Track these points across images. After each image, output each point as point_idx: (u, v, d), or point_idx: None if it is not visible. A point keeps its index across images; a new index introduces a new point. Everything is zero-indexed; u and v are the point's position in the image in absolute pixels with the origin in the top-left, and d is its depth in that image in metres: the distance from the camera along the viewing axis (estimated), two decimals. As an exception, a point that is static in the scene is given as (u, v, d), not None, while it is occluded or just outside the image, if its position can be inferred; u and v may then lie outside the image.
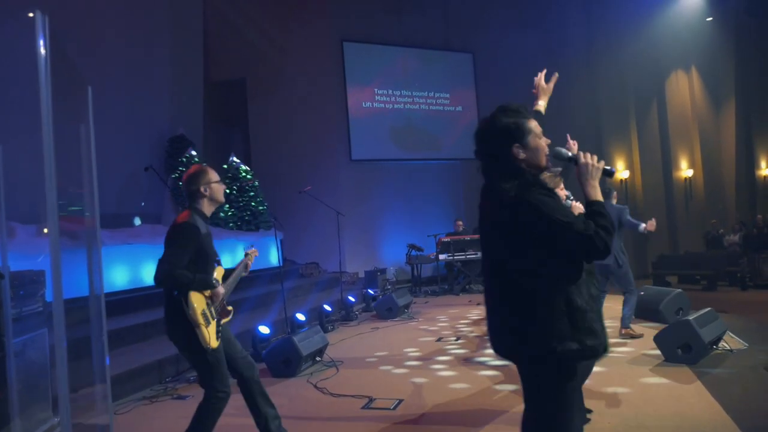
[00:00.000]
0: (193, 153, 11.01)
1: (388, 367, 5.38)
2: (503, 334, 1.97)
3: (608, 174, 2.06)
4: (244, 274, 3.40)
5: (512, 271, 1.92)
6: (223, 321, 3.16)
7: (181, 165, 10.81)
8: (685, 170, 16.19)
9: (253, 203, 11.00)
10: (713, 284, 12.21)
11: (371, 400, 4.31)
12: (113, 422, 4.08)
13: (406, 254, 11.51)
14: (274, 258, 10.90)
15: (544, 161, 2.02)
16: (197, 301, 2.96)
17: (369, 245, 13.02)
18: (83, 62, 9.45)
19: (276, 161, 13.00)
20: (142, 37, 10.80)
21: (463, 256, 11.11)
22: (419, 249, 11.30)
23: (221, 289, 3.12)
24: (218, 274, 3.19)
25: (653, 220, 6.05)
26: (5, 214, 4.12)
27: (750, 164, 17.49)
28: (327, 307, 7.64)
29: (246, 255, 3.54)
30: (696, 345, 4.58)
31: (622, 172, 14.98)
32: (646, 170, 15.37)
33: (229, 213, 10.76)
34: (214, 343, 2.98)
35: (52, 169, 2.44)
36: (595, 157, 2.03)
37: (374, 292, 9.52)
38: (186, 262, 2.93)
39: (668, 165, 15.81)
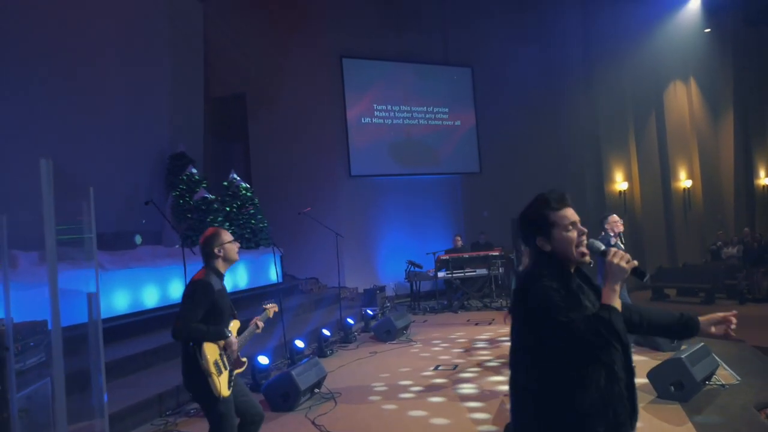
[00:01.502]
0: (194, 171, 11.09)
1: (385, 402, 5.45)
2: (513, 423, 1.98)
3: (639, 276, 1.93)
4: (257, 331, 3.58)
5: (521, 367, 1.93)
6: (236, 371, 3.34)
7: (181, 183, 10.90)
8: (684, 181, 16.26)
9: (252, 221, 11.07)
10: (711, 297, 12.27)
11: (368, 440, 4.38)
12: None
13: (405, 270, 11.58)
14: (274, 275, 10.99)
15: (573, 253, 1.93)
16: (210, 351, 3.17)
17: (369, 260, 13.10)
18: (83, 78, 9.55)
19: (276, 177, 13.09)
20: (142, 54, 10.88)
21: (462, 274, 11.18)
22: (418, 266, 11.38)
23: (234, 340, 3.31)
24: (234, 326, 3.41)
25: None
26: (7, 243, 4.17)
27: (749, 174, 17.55)
28: (326, 332, 7.71)
29: (264, 309, 3.75)
30: (688, 383, 4.65)
31: (620, 184, 15.05)
32: (645, 181, 15.44)
33: (229, 231, 10.82)
34: (225, 392, 3.16)
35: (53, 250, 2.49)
36: (627, 256, 1.88)
37: (373, 312, 9.59)
38: (200, 316, 3.18)
39: (667, 176, 15.88)
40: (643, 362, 5.99)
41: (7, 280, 3.41)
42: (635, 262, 1.89)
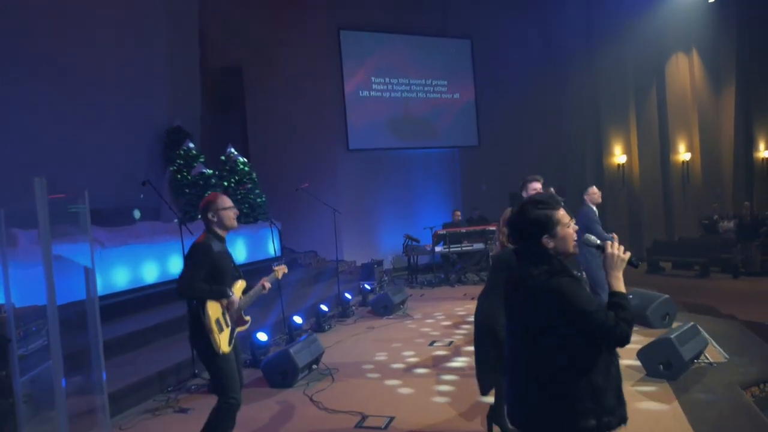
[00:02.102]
0: (191, 145, 11.06)
1: (382, 378, 5.57)
2: (523, 407, 2.10)
3: (633, 265, 2.14)
4: (264, 292, 3.73)
5: (541, 349, 2.04)
6: (239, 329, 3.55)
7: (178, 158, 10.88)
8: (683, 154, 16.22)
9: (251, 195, 11.09)
10: (706, 271, 12.41)
11: (364, 417, 4.50)
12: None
13: (403, 244, 11.66)
14: (272, 249, 11.07)
15: (571, 248, 2.14)
16: (213, 309, 3.36)
17: (367, 234, 13.17)
18: (78, 53, 9.45)
19: (274, 151, 13.06)
20: (137, 27, 10.72)
21: (459, 248, 11.27)
22: (415, 240, 11.45)
23: (235, 299, 3.49)
24: (239, 286, 3.60)
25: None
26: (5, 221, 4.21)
27: (748, 147, 17.50)
28: (324, 308, 7.83)
29: (273, 271, 3.90)
30: (676, 362, 4.76)
31: (619, 157, 15.02)
32: (644, 154, 15.41)
33: (228, 206, 10.85)
34: (225, 348, 3.34)
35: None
36: (622, 248, 2.11)
37: (371, 286, 9.71)
38: (202, 276, 3.36)
39: (666, 149, 15.84)
40: (634, 339, 6.11)
41: (6, 270, 3.46)
42: (629, 254, 2.12)
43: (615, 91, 14.84)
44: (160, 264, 8.29)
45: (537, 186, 5.51)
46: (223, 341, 3.32)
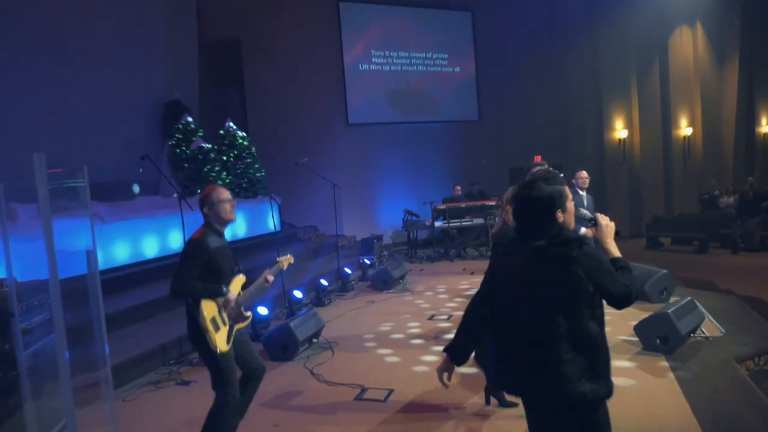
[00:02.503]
0: (189, 119, 10.99)
1: (381, 351, 5.64)
2: (557, 380, 2.08)
3: (617, 235, 2.31)
4: (266, 285, 3.63)
5: (570, 320, 2.07)
6: (238, 326, 3.43)
7: (177, 132, 10.82)
8: (685, 128, 16.13)
9: (250, 170, 11.06)
10: (705, 247, 12.44)
11: (363, 390, 4.57)
12: (120, 411, 4.35)
13: (403, 219, 11.67)
14: (272, 224, 11.09)
15: (573, 222, 2.23)
16: (207, 308, 3.25)
17: (367, 209, 13.18)
18: (73, 26, 9.33)
19: (273, 125, 12.98)
20: (134, 1, 10.59)
21: (459, 223, 11.29)
22: (415, 215, 11.46)
23: (231, 297, 3.36)
24: (238, 282, 3.47)
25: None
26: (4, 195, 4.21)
27: (750, 122, 17.39)
28: (324, 282, 7.88)
29: (277, 262, 3.76)
30: (673, 337, 4.81)
31: (620, 132, 14.94)
32: (645, 128, 15.32)
33: (227, 180, 10.84)
34: (223, 347, 3.25)
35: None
36: (607, 218, 2.30)
37: (370, 261, 9.75)
38: (197, 273, 3.23)
39: (668, 123, 15.74)
40: (632, 313, 6.17)
41: (7, 244, 3.47)
42: (613, 223, 2.31)
43: (617, 66, 14.68)
44: (160, 239, 8.32)
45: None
46: (219, 340, 3.23)
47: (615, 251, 2.22)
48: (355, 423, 3.95)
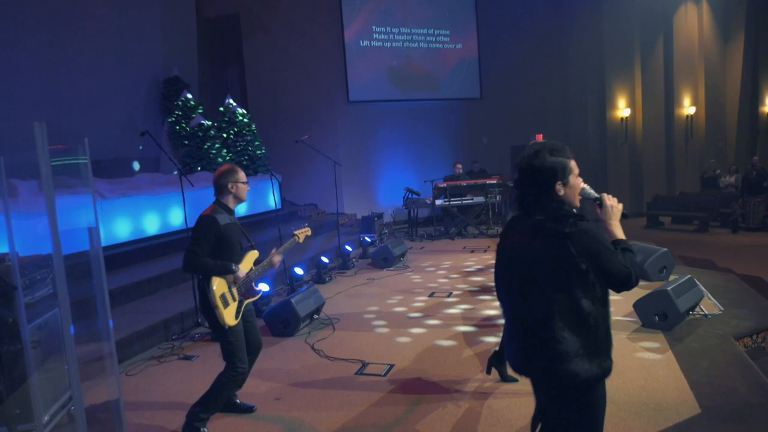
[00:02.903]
0: (189, 96, 10.93)
1: (382, 327, 5.68)
2: (552, 359, 2.07)
3: (624, 216, 2.21)
4: (274, 266, 3.69)
5: (563, 298, 2.03)
6: (248, 301, 3.54)
7: (176, 108, 10.75)
8: (688, 108, 16.01)
9: (250, 147, 11.03)
10: (705, 226, 12.44)
11: (364, 365, 4.61)
12: (124, 385, 4.41)
13: (403, 197, 11.66)
14: (272, 202, 11.09)
15: (576, 201, 2.16)
16: (218, 284, 3.35)
17: (367, 187, 13.16)
18: (72, 2, 9.22)
19: (273, 102, 12.89)
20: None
21: (459, 201, 11.28)
22: (416, 193, 11.44)
23: (242, 274, 3.45)
24: (250, 257, 3.57)
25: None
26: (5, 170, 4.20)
27: (754, 101, 17.25)
28: (324, 259, 7.90)
29: (294, 235, 3.86)
30: (672, 314, 4.84)
31: (623, 110, 14.83)
32: (648, 107, 15.21)
33: (227, 158, 10.81)
34: (231, 321, 3.37)
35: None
36: (615, 199, 2.20)
37: (371, 239, 9.76)
38: (207, 250, 3.32)
39: (671, 102, 15.63)
40: (632, 292, 6.20)
41: (8, 218, 3.46)
42: (622, 205, 2.21)
43: (621, 44, 14.51)
44: (161, 216, 8.33)
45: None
46: (228, 316, 3.34)
47: (619, 233, 2.15)
48: (356, 397, 3.99)
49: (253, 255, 3.59)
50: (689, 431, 3.20)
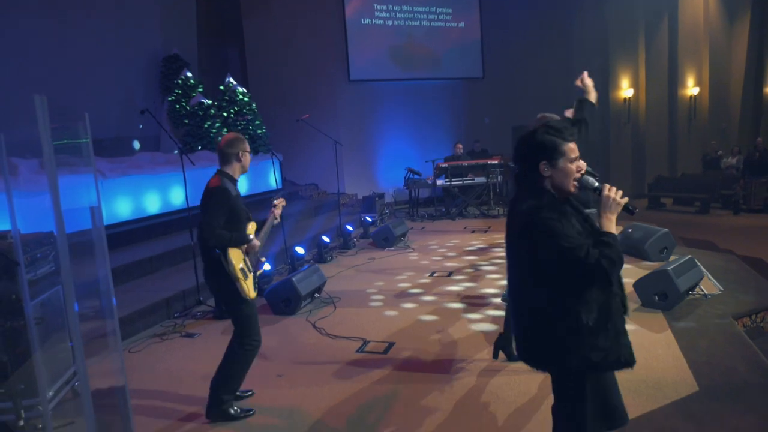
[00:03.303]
0: (189, 74, 10.84)
1: (382, 306, 5.71)
2: (524, 342, 2.13)
3: (629, 212, 2.10)
4: (275, 222, 3.68)
5: (528, 284, 2.04)
6: (258, 273, 3.53)
7: (176, 87, 10.68)
8: (691, 88, 15.88)
9: (251, 127, 10.97)
10: (706, 207, 12.43)
11: (365, 343, 4.64)
12: (127, 362, 4.44)
13: (405, 177, 11.63)
14: (273, 181, 11.08)
15: (571, 187, 2.06)
16: (235, 257, 3.31)
17: (368, 167, 13.13)
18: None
19: (273, 80, 12.79)
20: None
21: (460, 182, 11.25)
22: (417, 173, 11.42)
23: (256, 242, 3.46)
24: (251, 228, 3.53)
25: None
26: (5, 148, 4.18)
27: (759, 82, 17.07)
28: (325, 239, 7.91)
29: (274, 206, 3.80)
30: (672, 293, 4.85)
31: (626, 90, 14.72)
32: (651, 87, 15.09)
33: (228, 137, 10.76)
34: (252, 294, 3.37)
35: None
36: (620, 192, 2.06)
37: (372, 218, 9.77)
38: (222, 222, 3.25)
39: (674, 82, 15.50)
40: (629, 270, 6.22)
41: (10, 194, 3.45)
42: (626, 199, 2.06)
43: (625, 23, 14.32)
44: (162, 195, 8.32)
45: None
46: (249, 288, 3.33)
47: (607, 225, 2.01)
48: (358, 374, 4.03)
49: (252, 227, 3.56)
50: (687, 409, 3.23)
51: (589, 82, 4.48)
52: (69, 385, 3.70)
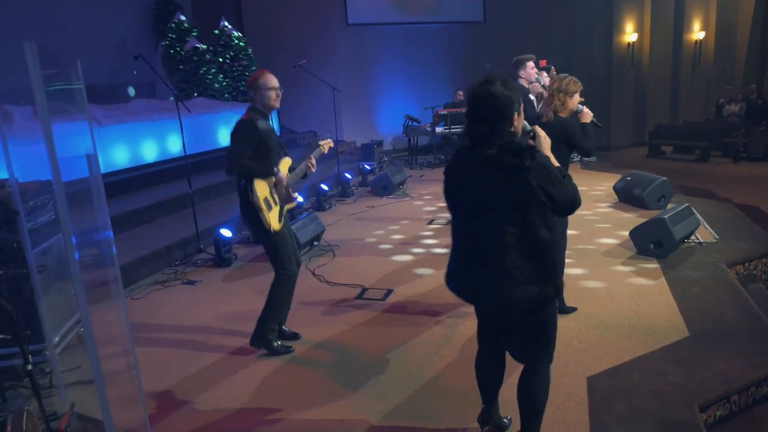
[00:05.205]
0: (182, 18, 10.55)
1: (381, 254, 5.77)
2: (509, 285, 2.14)
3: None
4: (311, 170, 3.74)
5: (521, 229, 2.11)
6: (288, 206, 3.59)
7: (170, 31, 10.41)
8: (697, 33, 15.48)
9: (247, 73, 10.76)
10: (706, 155, 12.37)
11: (364, 289, 4.73)
12: (130, 308, 4.53)
13: (403, 125, 11.52)
14: (271, 129, 10.96)
15: (521, 129, 2.25)
16: (260, 188, 3.37)
17: (367, 114, 12.96)
18: None
19: (269, 25, 12.45)
20: None
21: (460, 129, 11.14)
22: (416, 120, 11.29)
23: (283, 176, 3.49)
24: (285, 164, 3.59)
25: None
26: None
27: (766, 28, 16.63)
28: (324, 187, 7.91)
29: (319, 146, 3.89)
30: (667, 242, 4.90)
31: (630, 35, 14.36)
32: (656, 32, 14.71)
33: (224, 83, 10.58)
34: (276, 225, 3.42)
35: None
36: (542, 132, 2.37)
37: (371, 166, 9.74)
38: (249, 153, 3.32)
39: (680, 27, 15.10)
40: (627, 219, 6.26)
41: (5, 142, 3.43)
42: (549, 141, 2.36)
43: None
44: (158, 143, 8.25)
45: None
46: (273, 219, 3.38)
47: (555, 162, 2.23)
48: (357, 318, 4.12)
49: (286, 162, 3.62)
50: (676, 353, 3.32)
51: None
52: (74, 331, 3.78)
